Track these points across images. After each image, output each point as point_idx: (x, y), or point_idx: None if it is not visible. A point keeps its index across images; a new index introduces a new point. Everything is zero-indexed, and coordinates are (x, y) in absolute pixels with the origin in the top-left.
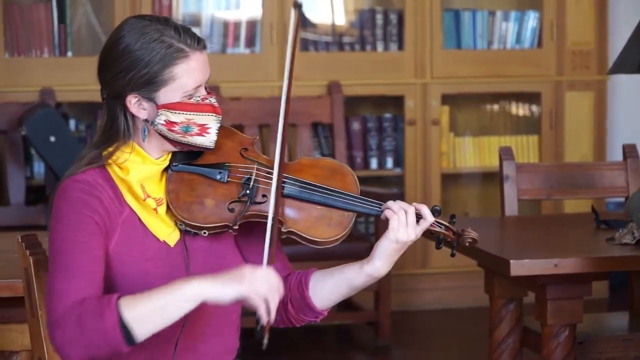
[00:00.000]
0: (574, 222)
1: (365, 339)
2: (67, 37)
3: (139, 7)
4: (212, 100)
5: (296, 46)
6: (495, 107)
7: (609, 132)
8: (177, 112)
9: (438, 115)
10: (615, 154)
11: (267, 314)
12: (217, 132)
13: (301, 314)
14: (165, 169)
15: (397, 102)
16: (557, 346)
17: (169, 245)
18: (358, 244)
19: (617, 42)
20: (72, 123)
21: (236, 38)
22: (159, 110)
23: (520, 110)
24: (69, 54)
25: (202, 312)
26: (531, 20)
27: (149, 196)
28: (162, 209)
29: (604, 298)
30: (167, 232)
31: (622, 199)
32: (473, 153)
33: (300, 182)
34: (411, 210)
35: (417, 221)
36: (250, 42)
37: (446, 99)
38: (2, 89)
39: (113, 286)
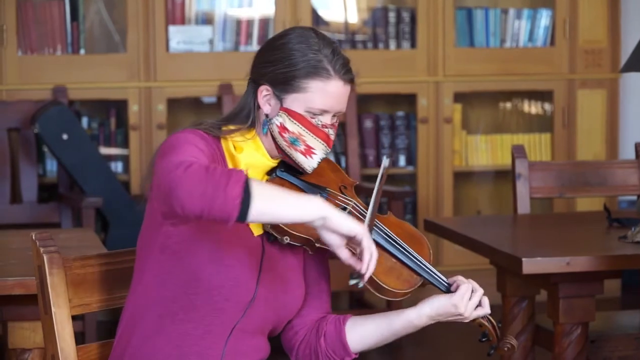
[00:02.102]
0: (586, 220)
1: None
2: (79, 34)
3: (151, 4)
4: (331, 131)
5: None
6: (508, 105)
7: (621, 130)
8: (294, 121)
9: (450, 113)
10: (628, 152)
11: (367, 262)
12: (319, 161)
13: (330, 350)
14: (268, 174)
15: (409, 100)
16: (569, 344)
17: (252, 234)
18: None
19: (630, 40)
20: (84, 121)
21: (249, 36)
22: (280, 112)
23: (532, 108)
24: (82, 51)
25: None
26: (544, 18)
27: None
28: None
29: (616, 296)
30: (253, 224)
31: (634, 197)
32: (485, 151)
33: (387, 232)
34: (480, 292)
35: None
36: (263, 40)
37: (459, 97)
38: (15, 87)
39: (183, 235)
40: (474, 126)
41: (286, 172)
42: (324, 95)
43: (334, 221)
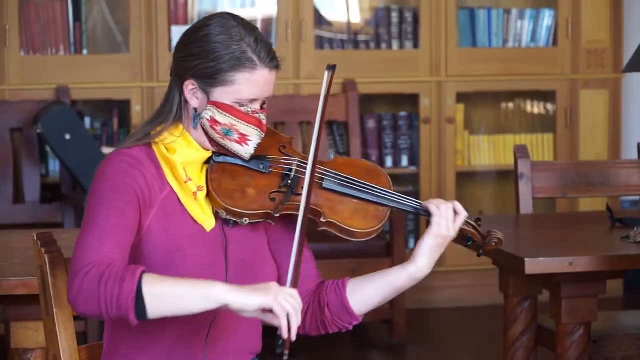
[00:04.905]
0: (589, 220)
1: (380, 336)
2: (82, 34)
3: (154, 5)
4: (262, 116)
5: (327, 104)
6: (511, 105)
7: (624, 130)
8: (224, 113)
9: (453, 114)
10: (630, 152)
11: (288, 330)
12: (256, 146)
13: (337, 318)
14: (207, 162)
15: (412, 100)
16: (571, 344)
17: (205, 230)
18: (373, 241)
19: (633, 40)
20: (87, 121)
21: None
22: (208, 106)
23: (535, 108)
24: (85, 51)
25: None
26: (546, 18)
27: (190, 179)
28: (202, 195)
29: (619, 296)
30: (203, 218)
31: (637, 198)
32: (488, 151)
33: (340, 176)
34: (450, 204)
35: None
36: None
37: (461, 97)
38: (18, 87)
39: (143, 258)
40: (477, 126)
41: (222, 155)
42: (251, 85)
43: (237, 304)
